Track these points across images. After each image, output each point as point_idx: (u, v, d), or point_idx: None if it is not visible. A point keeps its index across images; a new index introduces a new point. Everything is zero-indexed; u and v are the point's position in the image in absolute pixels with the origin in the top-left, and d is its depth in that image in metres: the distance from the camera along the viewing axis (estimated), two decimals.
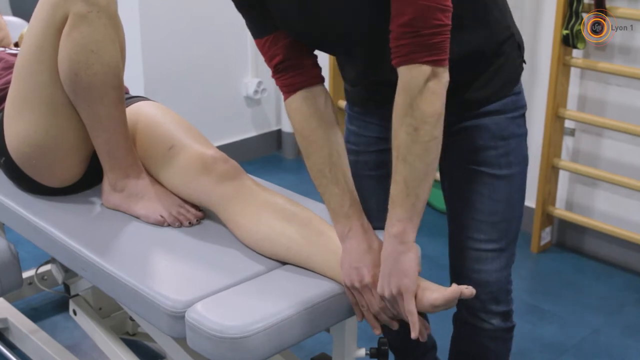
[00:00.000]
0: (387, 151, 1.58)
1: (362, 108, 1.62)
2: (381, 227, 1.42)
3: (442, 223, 1.63)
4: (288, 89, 1.44)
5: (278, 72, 1.43)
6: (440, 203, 2.99)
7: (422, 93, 1.25)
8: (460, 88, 1.44)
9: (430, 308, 1.34)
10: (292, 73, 1.42)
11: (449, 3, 1.24)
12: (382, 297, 1.37)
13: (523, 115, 1.54)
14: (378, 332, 1.43)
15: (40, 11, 1.62)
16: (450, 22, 1.25)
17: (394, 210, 1.33)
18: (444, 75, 1.27)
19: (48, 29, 1.60)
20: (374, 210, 1.57)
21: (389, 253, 1.34)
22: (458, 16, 1.28)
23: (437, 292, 1.34)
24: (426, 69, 1.25)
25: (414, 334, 1.33)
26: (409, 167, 1.29)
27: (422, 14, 1.22)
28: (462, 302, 1.64)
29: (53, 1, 1.58)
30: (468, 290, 1.32)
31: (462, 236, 1.58)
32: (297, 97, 1.43)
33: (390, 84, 1.31)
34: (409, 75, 1.26)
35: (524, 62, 1.55)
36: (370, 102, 1.60)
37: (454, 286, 1.33)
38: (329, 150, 1.43)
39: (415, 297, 1.34)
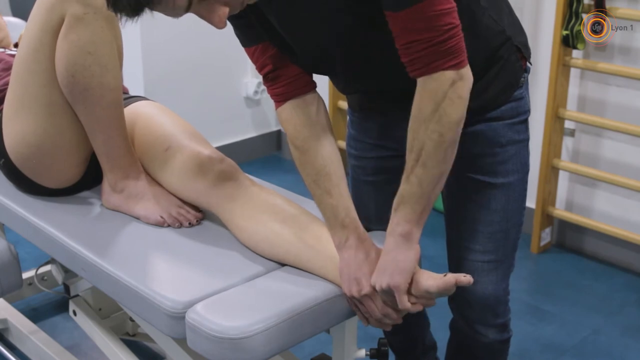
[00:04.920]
0: (385, 158, 1.58)
1: (361, 114, 1.61)
2: (380, 230, 1.41)
3: (443, 223, 1.63)
4: (278, 99, 1.43)
5: (268, 81, 1.42)
6: (439, 203, 2.99)
7: (448, 98, 1.23)
8: None
9: (425, 294, 1.33)
10: (282, 83, 1.40)
11: (452, 3, 1.21)
12: (376, 289, 1.36)
13: (524, 122, 1.50)
14: (389, 328, 1.43)
15: (37, 13, 1.62)
16: (459, 21, 1.22)
17: (403, 209, 1.32)
18: (468, 76, 1.25)
19: (45, 31, 1.60)
20: (373, 215, 1.57)
21: (390, 249, 1.34)
22: None
23: (432, 280, 1.32)
24: (450, 74, 1.22)
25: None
26: (428, 171, 1.28)
27: (431, 24, 1.19)
28: (459, 311, 1.64)
29: (49, 3, 1.57)
30: (465, 278, 1.29)
31: (457, 245, 1.57)
32: (288, 107, 1.42)
33: (378, 92, 1.29)
34: (434, 83, 1.23)
35: (529, 63, 1.50)
36: (368, 109, 1.58)
37: (449, 275, 1.31)
38: (322, 160, 1.41)
39: (411, 281, 1.33)
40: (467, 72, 1.25)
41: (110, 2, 1.13)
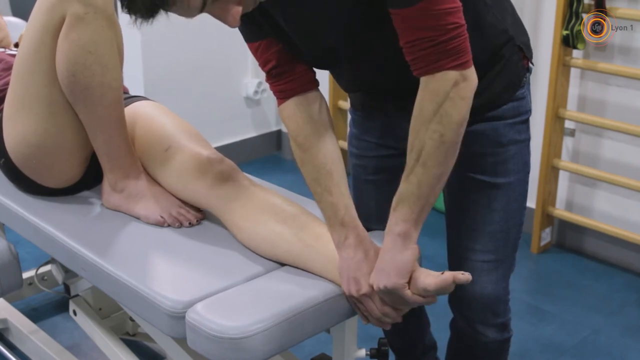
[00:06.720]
0: (386, 157, 1.58)
1: (363, 112, 1.61)
2: (380, 229, 1.41)
3: (442, 223, 1.63)
4: (281, 95, 1.43)
5: (271, 77, 1.42)
6: (440, 203, 2.98)
7: (450, 99, 1.23)
8: None
9: (423, 292, 1.32)
10: (286, 79, 1.41)
11: (457, 3, 1.21)
12: (375, 289, 1.35)
13: (525, 121, 1.50)
14: (388, 327, 1.42)
15: (37, 12, 1.62)
16: (464, 21, 1.22)
17: (401, 209, 1.31)
18: (472, 77, 1.25)
19: (45, 30, 1.60)
20: (373, 215, 1.57)
21: (388, 249, 1.33)
22: None
23: (430, 278, 1.31)
24: (453, 74, 1.22)
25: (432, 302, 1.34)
26: (427, 171, 1.28)
27: (435, 23, 1.19)
28: (459, 311, 1.64)
29: (50, 2, 1.57)
30: (464, 276, 1.27)
31: (458, 245, 1.57)
32: (291, 104, 1.42)
33: (381, 91, 1.29)
34: (436, 83, 1.23)
35: (531, 63, 1.51)
36: (370, 108, 1.58)
37: (447, 273, 1.30)
38: (323, 159, 1.42)
39: (410, 279, 1.32)
40: (471, 73, 1.24)
41: (125, 4, 1.13)
